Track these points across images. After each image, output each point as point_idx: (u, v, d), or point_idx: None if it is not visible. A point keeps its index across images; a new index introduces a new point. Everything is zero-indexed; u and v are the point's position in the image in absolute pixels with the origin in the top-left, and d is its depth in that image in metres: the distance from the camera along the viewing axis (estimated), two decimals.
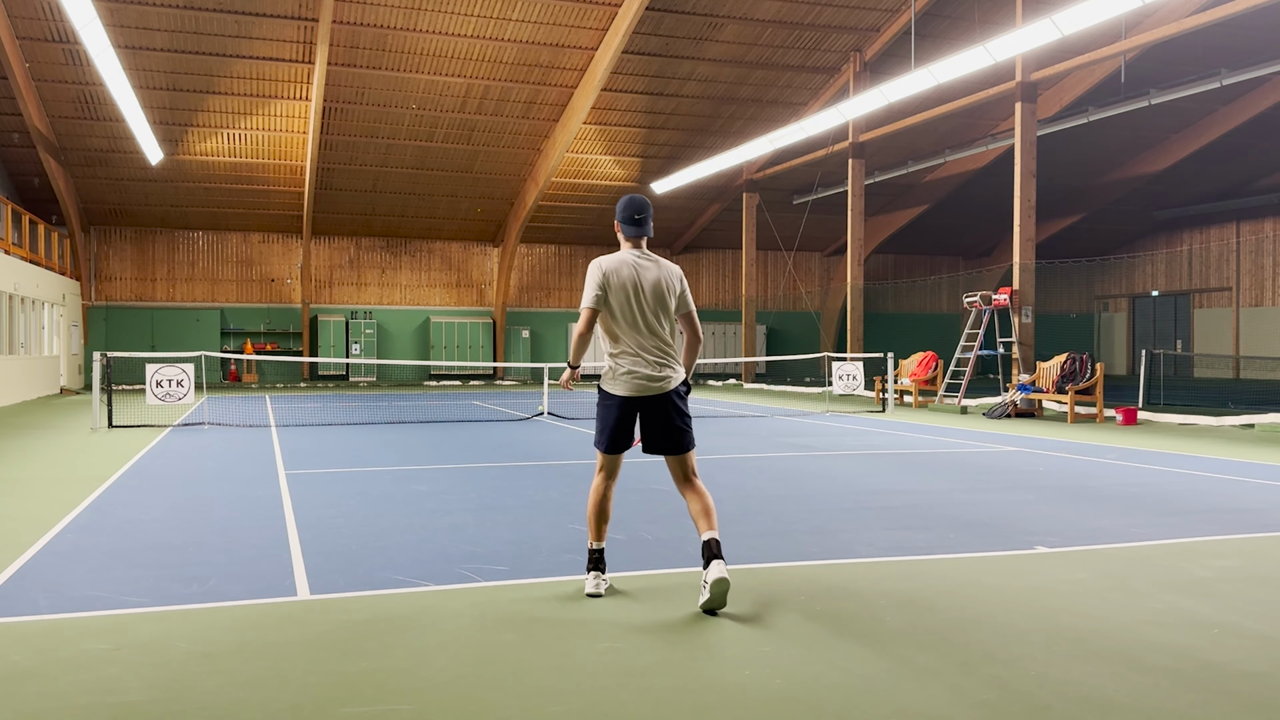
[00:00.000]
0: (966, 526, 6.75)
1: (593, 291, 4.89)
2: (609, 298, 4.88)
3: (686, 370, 5.04)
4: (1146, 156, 29.89)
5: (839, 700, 3.49)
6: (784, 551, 5.93)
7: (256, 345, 29.84)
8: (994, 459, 10.80)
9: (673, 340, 4.97)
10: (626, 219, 4.99)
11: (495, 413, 17.63)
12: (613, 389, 4.91)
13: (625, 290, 4.86)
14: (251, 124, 24.75)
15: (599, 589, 4.87)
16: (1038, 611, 4.61)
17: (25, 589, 5.03)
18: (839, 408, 19.36)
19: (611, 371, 4.92)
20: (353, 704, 3.47)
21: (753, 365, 31.65)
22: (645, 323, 4.88)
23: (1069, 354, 17.12)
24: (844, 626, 4.37)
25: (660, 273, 4.95)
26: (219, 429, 14.09)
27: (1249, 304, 33.45)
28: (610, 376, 4.93)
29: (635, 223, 5.00)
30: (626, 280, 4.87)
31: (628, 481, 8.83)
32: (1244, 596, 4.88)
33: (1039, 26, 14.86)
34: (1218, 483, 8.94)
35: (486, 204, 29.89)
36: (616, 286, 4.87)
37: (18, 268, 20.79)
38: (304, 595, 4.93)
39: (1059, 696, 3.52)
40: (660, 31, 22.82)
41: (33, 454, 11.11)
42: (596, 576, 4.91)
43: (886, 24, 23.47)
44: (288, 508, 7.44)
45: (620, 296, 4.86)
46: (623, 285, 4.87)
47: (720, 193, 30.51)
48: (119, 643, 4.13)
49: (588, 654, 4.00)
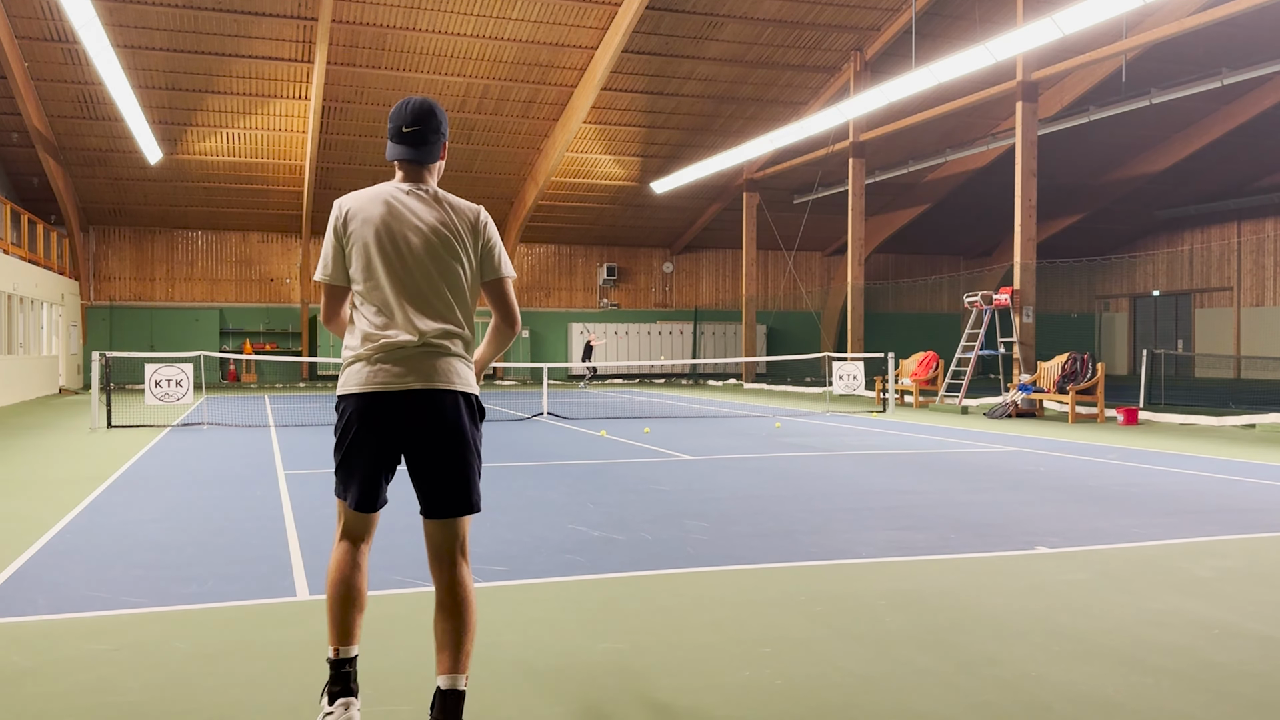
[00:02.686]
0: (966, 526, 6.74)
1: (329, 253, 3.18)
2: (348, 256, 3.15)
3: (477, 372, 3.29)
4: (1147, 156, 29.88)
5: (839, 700, 3.49)
6: (784, 551, 5.93)
7: (255, 345, 29.83)
8: (994, 459, 10.80)
9: (464, 324, 3.18)
10: (393, 133, 3.21)
11: (495, 413, 17.63)
12: (345, 385, 3.15)
13: (375, 241, 3.10)
14: (251, 123, 24.74)
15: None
16: (1038, 611, 4.60)
17: (24, 589, 5.02)
18: (839, 408, 19.35)
19: (347, 361, 3.16)
20: None
21: (753, 365, 31.64)
22: (406, 290, 3.10)
23: (1070, 354, 17.12)
24: (844, 626, 4.36)
25: (442, 215, 3.16)
26: (218, 429, 14.09)
27: (1250, 304, 33.44)
28: (345, 369, 3.17)
29: (404, 138, 3.20)
30: (378, 225, 3.11)
31: (627, 481, 8.81)
32: (1245, 596, 4.88)
33: (1040, 26, 14.85)
34: (1218, 483, 8.94)
35: (486, 203, 29.80)
36: (363, 236, 3.12)
37: (17, 267, 20.79)
38: (303, 595, 4.92)
39: (1059, 696, 3.52)
40: (660, 31, 22.81)
41: (32, 454, 11.10)
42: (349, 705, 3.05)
43: (887, 23, 23.45)
44: (287, 508, 7.43)
45: (364, 252, 3.11)
46: (377, 233, 3.11)
47: (720, 192, 30.50)
48: (118, 643, 4.13)
49: (587, 654, 3.99)
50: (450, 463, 3.09)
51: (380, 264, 3.10)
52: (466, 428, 3.11)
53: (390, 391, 3.06)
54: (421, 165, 3.22)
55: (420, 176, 3.23)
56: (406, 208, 3.14)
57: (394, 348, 3.07)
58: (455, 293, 3.15)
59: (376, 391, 3.07)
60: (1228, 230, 34.05)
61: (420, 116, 3.19)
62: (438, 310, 3.12)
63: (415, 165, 3.22)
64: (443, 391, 3.08)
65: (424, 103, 3.22)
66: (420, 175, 3.23)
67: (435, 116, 3.21)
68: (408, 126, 3.19)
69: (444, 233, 3.14)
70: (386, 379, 3.07)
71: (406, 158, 3.21)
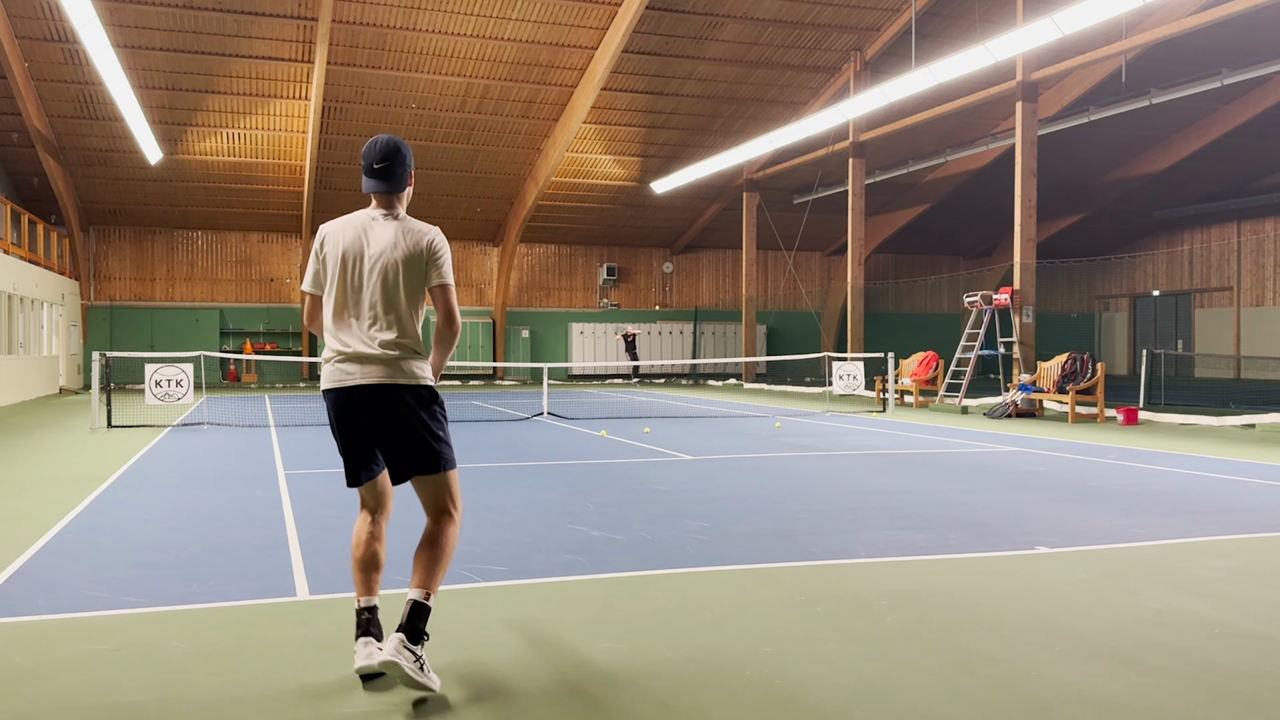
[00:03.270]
0: (966, 526, 6.74)
1: (312, 266, 3.85)
2: (326, 271, 3.81)
3: (434, 371, 3.87)
4: (1147, 156, 29.89)
5: (839, 700, 3.49)
6: (784, 551, 5.93)
7: (256, 345, 29.83)
8: (994, 459, 10.80)
9: (415, 329, 3.80)
10: (365, 168, 3.82)
11: (495, 413, 17.63)
12: (324, 381, 3.80)
13: (347, 259, 3.75)
14: (251, 124, 24.74)
15: (371, 660, 3.55)
16: (1038, 611, 4.60)
17: (25, 589, 5.02)
18: (839, 408, 19.35)
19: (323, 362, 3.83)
20: (353, 704, 3.46)
21: (753, 365, 31.64)
22: (367, 297, 3.72)
23: (1070, 354, 17.12)
24: (844, 626, 4.36)
25: (398, 238, 3.75)
26: (218, 429, 14.09)
27: (1250, 304, 33.44)
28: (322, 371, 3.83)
29: (375, 173, 3.80)
30: (349, 245, 3.75)
31: (627, 481, 8.82)
32: (1244, 596, 4.88)
33: (1039, 26, 14.85)
34: (1218, 483, 8.94)
35: (486, 203, 29.88)
36: (334, 256, 3.77)
37: (17, 267, 20.79)
38: (304, 595, 4.93)
39: (1059, 696, 3.52)
40: (660, 31, 22.82)
41: (32, 454, 11.11)
42: (368, 643, 3.62)
43: (887, 23, 23.46)
44: (287, 508, 7.43)
45: (338, 268, 3.75)
46: (344, 253, 3.75)
47: (720, 192, 30.50)
48: (118, 643, 4.13)
49: (587, 654, 4.00)
50: (402, 436, 3.70)
51: (341, 281, 3.75)
52: (412, 409, 3.71)
53: (348, 387, 3.71)
54: (390, 194, 3.82)
55: (389, 204, 3.82)
56: (371, 233, 3.76)
57: (350, 354, 3.71)
58: (406, 303, 3.74)
59: (339, 387, 3.73)
60: (1227, 230, 34.05)
61: (388, 154, 3.79)
62: (387, 321, 3.72)
63: (385, 195, 3.82)
64: (389, 386, 3.68)
65: (390, 141, 3.81)
66: (389, 203, 3.82)
67: (400, 152, 3.80)
68: (377, 163, 3.78)
69: (399, 252, 3.72)
70: (342, 377, 3.72)
71: (377, 190, 3.80)
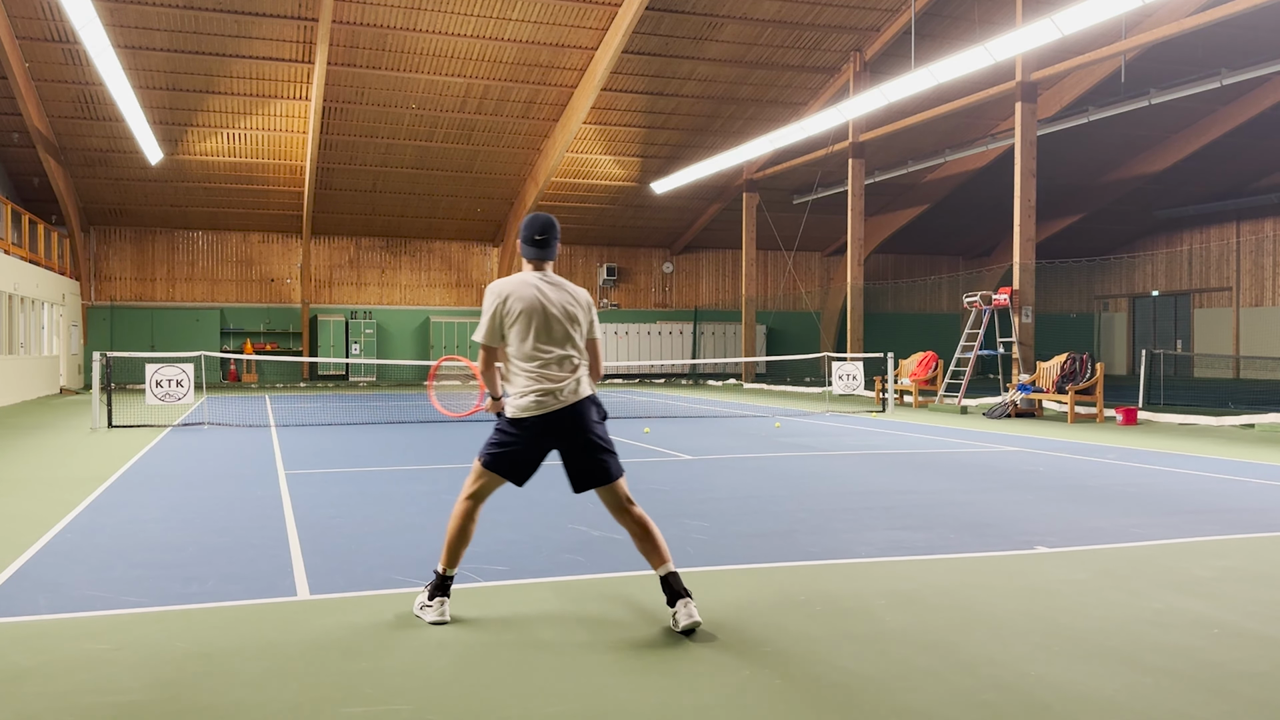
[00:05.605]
0: (966, 526, 6.75)
1: (487, 322, 4.52)
2: (507, 326, 4.50)
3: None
4: (1146, 156, 29.89)
5: (839, 700, 3.49)
6: (784, 551, 5.93)
7: (256, 345, 29.83)
8: (994, 459, 10.80)
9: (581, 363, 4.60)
10: (527, 239, 4.59)
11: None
12: (520, 413, 4.46)
13: (528, 315, 4.46)
14: (251, 124, 24.74)
15: (444, 616, 4.42)
16: (1038, 611, 4.61)
17: (25, 589, 5.03)
18: (839, 408, 19.35)
19: (519, 397, 4.50)
20: (353, 704, 3.47)
21: (753, 365, 31.64)
22: (553, 350, 4.48)
23: (1069, 354, 17.12)
24: (844, 626, 4.37)
25: (568, 296, 4.57)
26: (219, 429, 14.09)
27: (1249, 304, 33.45)
28: (517, 402, 4.50)
29: (536, 244, 4.58)
30: (530, 304, 4.47)
31: (627, 481, 8.82)
32: (1244, 596, 4.88)
33: (1039, 26, 14.86)
34: (1218, 483, 8.94)
35: (486, 204, 29.88)
36: (517, 312, 4.47)
37: (17, 268, 20.79)
38: (304, 595, 4.93)
39: (1059, 696, 3.52)
40: (660, 31, 22.82)
41: (33, 454, 11.11)
42: (443, 603, 4.47)
43: (886, 24, 23.46)
44: (287, 508, 7.43)
45: (523, 323, 4.47)
46: (526, 311, 4.46)
47: (720, 193, 30.50)
48: (119, 643, 4.13)
49: (588, 653, 4.00)
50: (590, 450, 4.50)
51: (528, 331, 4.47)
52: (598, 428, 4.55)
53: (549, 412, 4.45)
54: (546, 261, 4.63)
55: (545, 268, 4.63)
56: (543, 292, 4.52)
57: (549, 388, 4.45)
58: (577, 345, 4.57)
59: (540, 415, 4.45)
60: (1227, 230, 34.06)
61: (546, 228, 4.60)
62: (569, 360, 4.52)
63: (541, 261, 4.62)
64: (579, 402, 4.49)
65: (548, 218, 4.63)
66: (545, 267, 4.63)
67: (555, 227, 4.64)
68: (538, 235, 4.59)
69: (568, 309, 4.55)
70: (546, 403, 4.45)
71: (537, 257, 4.61)
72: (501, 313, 4.49)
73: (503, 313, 4.49)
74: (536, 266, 4.61)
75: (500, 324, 4.50)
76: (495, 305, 4.49)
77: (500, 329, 4.50)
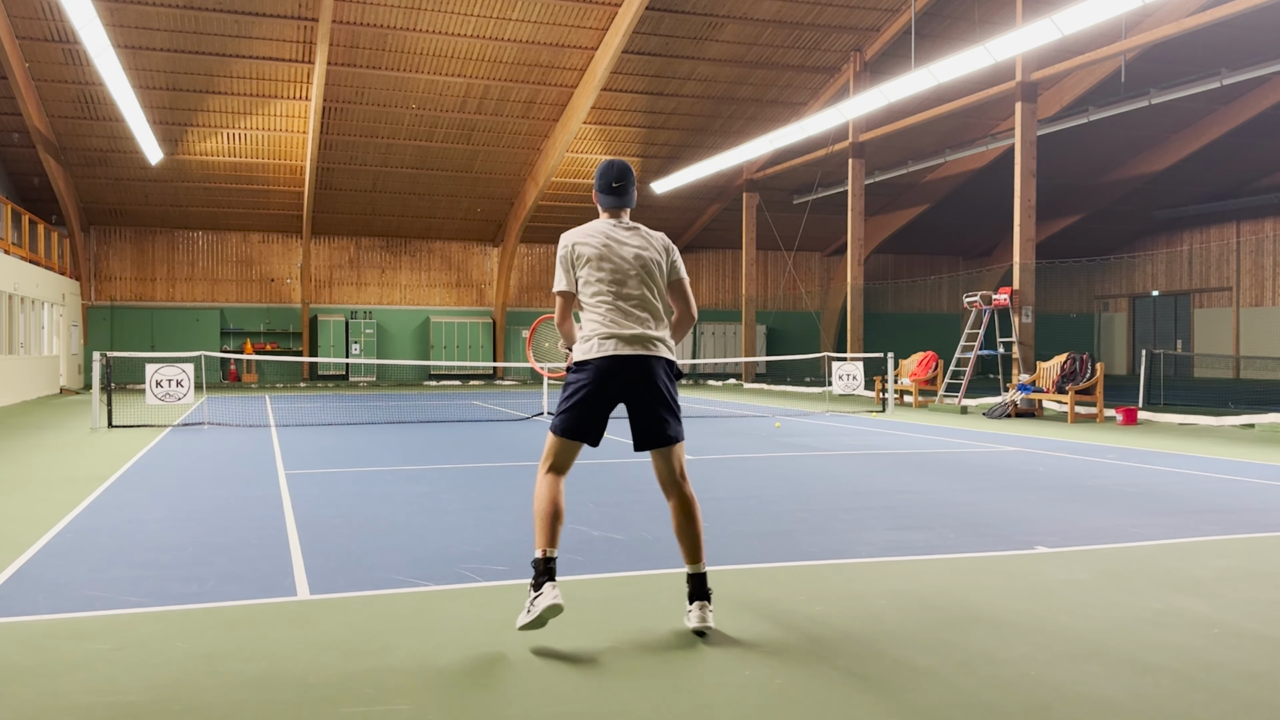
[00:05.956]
0: (966, 526, 6.74)
1: (563, 273, 4.46)
2: (580, 274, 4.43)
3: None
4: (1146, 156, 29.89)
5: (839, 700, 3.49)
6: (784, 551, 5.93)
7: (256, 345, 29.83)
8: (994, 459, 10.80)
9: (661, 314, 4.48)
10: (604, 187, 4.52)
11: (495, 413, 17.63)
12: (586, 354, 4.33)
13: (597, 261, 4.38)
14: (251, 124, 24.75)
15: (557, 599, 4.07)
16: (1038, 611, 4.60)
17: (25, 589, 5.02)
18: (839, 408, 19.35)
19: (585, 340, 4.39)
20: (353, 704, 3.46)
21: (753, 365, 31.64)
22: (625, 294, 4.37)
23: (1069, 354, 17.12)
24: (844, 626, 4.36)
25: (642, 241, 4.47)
26: (219, 429, 14.09)
27: (1249, 304, 33.45)
28: (583, 345, 4.39)
29: (613, 191, 4.51)
30: (598, 249, 4.39)
31: (627, 481, 8.82)
32: (1244, 596, 4.88)
33: (1039, 26, 14.85)
34: (1218, 483, 8.94)
35: (486, 204, 29.88)
36: (586, 258, 4.40)
37: (17, 267, 20.79)
38: (304, 595, 4.93)
39: (1059, 696, 3.52)
40: (660, 31, 22.82)
41: (33, 454, 11.11)
42: (554, 586, 4.13)
43: (886, 24, 23.46)
44: (288, 508, 7.43)
45: (592, 268, 4.38)
46: (594, 256, 4.38)
47: (720, 192, 30.50)
48: (119, 643, 4.13)
49: (588, 653, 4.00)
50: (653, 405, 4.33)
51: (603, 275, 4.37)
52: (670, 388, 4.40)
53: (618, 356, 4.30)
54: (624, 208, 4.53)
55: (621, 215, 4.54)
56: (613, 237, 4.43)
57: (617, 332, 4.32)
58: (654, 293, 4.44)
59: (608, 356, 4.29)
60: (1227, 230, 34.06)
61: (622, 174, 4.52)
62: (645, 306, 4.38)
63: (618, 209, 4.53)
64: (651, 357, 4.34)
65: (624, 164, 4.58)
66: (621, 214, 4.54)
67: (632, 173, 4.57)
68: (616, 182, 4.51)
69: (641, 255, 4.43)
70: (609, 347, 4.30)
71: (615, 205, 4.51)
72: (571, 258, 4.43)
73: (572, 258, 4.42)
74: (613, 214, 4.53)
75: (571, 269, 4.44)
76: (564, 253, 4.45)
77: (572, 275, 4.44)
